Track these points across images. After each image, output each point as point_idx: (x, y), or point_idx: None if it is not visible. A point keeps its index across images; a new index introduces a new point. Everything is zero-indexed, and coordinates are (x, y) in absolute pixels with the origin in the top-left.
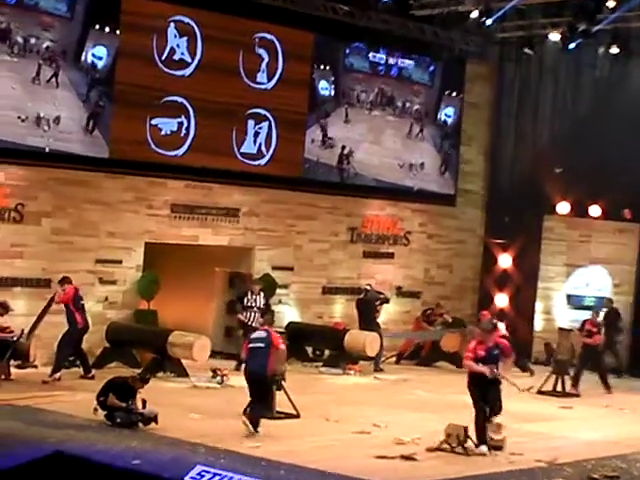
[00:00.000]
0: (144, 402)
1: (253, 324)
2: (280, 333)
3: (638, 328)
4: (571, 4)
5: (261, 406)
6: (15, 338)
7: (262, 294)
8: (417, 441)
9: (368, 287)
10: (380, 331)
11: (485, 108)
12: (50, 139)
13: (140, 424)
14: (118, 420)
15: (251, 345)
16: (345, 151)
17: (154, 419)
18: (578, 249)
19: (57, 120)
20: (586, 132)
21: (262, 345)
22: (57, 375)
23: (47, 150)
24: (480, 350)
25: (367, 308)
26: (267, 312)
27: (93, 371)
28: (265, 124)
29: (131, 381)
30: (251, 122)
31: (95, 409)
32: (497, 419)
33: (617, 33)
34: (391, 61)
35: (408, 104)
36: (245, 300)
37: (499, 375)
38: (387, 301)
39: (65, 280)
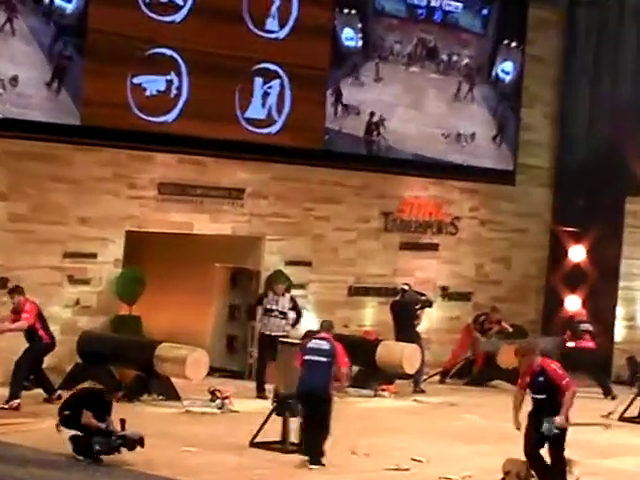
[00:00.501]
0: (123, 422)
1: (272, 333)
2: (295, 345)
3: None
4: None
5: (323, 432)
6: None
7: (288, 295)
8: (468, 479)
9: (406, 287)
10: (421, 342)
11: (552, 63)
12: (5, 104)
13: (122, 449)
14: (97, 447)
15: (307, 357)
16: (374, 118)
17: (139, 442)
18: None
19: (14, 80)
20: None
21: (324, 359)
22: (15, 403)
23: (0, 117)
24: (526, 376)
25: (405, 313)
26: (288, 316)
27: (59, 391)
28: (276, 82)
29: (107, 394)
30: (258, 80)
31: (57, 425)
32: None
33: None
34: (434, 3)
35: (455, 58)
36: (265, 302)
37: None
38: (430, 305)
39: (16, 290)
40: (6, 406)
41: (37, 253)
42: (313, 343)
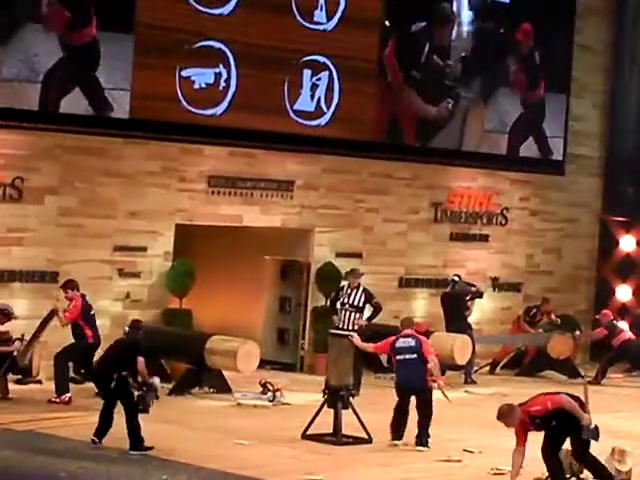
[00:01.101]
0: None
1: (345, 327)
2: (346, 337)
3: None
4: None
5: (428, 417)
6: (13, 348)
7: (361, 289)
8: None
9: (456, 278)
10: (472, 333)
11: (601, 52)
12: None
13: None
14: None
15: (399, 357)
16: None
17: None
18: None
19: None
20: None
21: (414, 356)
22: (66, 397)
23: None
24: (520, 435)
25: (455, 304)
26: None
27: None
28: (324, 74)
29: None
30: (307, 72)
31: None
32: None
33: None
34: None
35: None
36: (340, 295)
37: None
38: (480, 295)
39: (69, 284)
40: (57, 400)
41: (87, 247)
42: (401, 342)
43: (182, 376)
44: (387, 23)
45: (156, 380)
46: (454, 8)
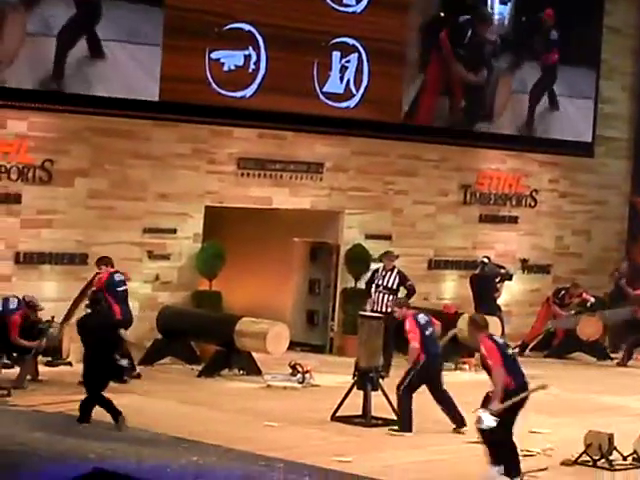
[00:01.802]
0: None
1: (379, 308)
2: (375, 318)
3: None
4: None
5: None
6: (44, 328)
7: (395, 271)
8: (549, 452)
9: (486, 260)
10: (501, 315)
11: (630, 34)
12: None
13: None
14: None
15: (427, 332)
16: None
17: None
18: None
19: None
20: None
21: (432, 329)
22: None
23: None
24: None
25: (485, 286)
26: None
27: (139, 368)
28: (354, 56)
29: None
30: (336, 54)
31: None
32: None
33: None
34: None
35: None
36: (375, 277)
37: None
38: (510, 277)
39: (102, 261)
40: None
41: (117, 229)
42: (421, 318)
43: (212, 358)
44: (442, 14)
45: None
46: (490, 7)
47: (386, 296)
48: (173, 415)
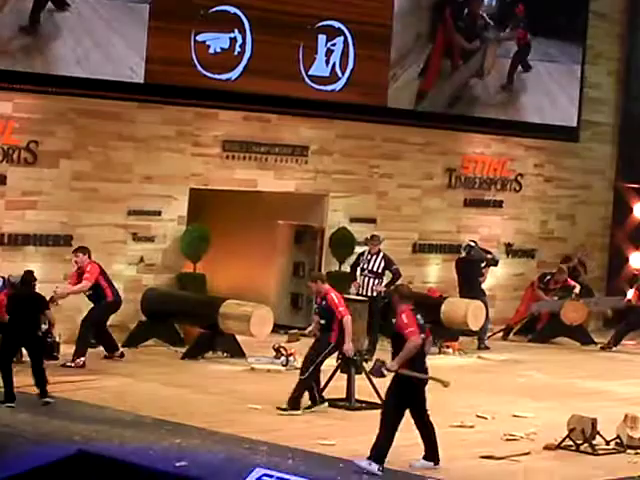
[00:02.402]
0: None
1: (364, 292)
2: (360, 302)
3: None
4: None
5: None
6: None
7: (381, 255)
8: (532, 437)
9: (472, 244)
10: (486, 299)
11: (616, 20)
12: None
13: None
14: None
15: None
16: None
17: None
18: None
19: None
20: None
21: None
22: (81, 360)
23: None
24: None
25: (470, 270)
26: (381, 276)
27: (123, 350)
28: (339, 40)
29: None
30: (322, 37)
31: None
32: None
33: None
34: None
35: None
36: (361, 261)
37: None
38: (495, 263)
39: (80, 250)
40: (72, 364)
41: (101, 211)
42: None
43: (196, 340)
44: None
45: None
46: None
47: (371, 280)
48: (157, 397)
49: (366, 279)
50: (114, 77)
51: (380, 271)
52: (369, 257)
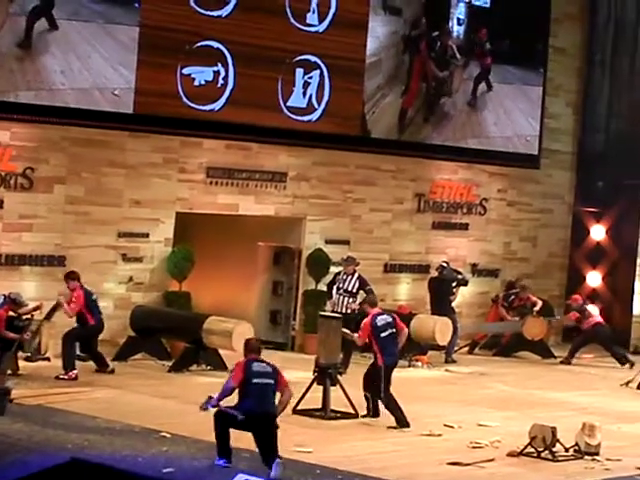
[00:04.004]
0: None
1: (339, 310)
2: (334, 318)
3: None
4: None
5: None
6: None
7: (356, 275)
8: (496, 444)
9: (445, 264)
10: (455, 317)
11: (574, 55)
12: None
13: None
14: None
15: (384, 334)
16: None
17: None
18: None
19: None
20: None
21: (393, 330)
22: (74, 373)
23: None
24: None
25: (441, 289)
26: (355, 296)
27: (113, 364)
28: (316, 73)
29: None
30: (300, 71)
31: None
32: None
33: None
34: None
35: None
36: (337, 281)
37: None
38: (465, 283)
39: (70, 276)
40: (65, 376)
41: (93, 233)
42: (380, 319)
43: (181, 354)
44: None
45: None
46: (450, 24)
47: (346, 299)
48: (145, 408)
49: (341, 298)
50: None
51: (355, 291)
52: (344, 277)
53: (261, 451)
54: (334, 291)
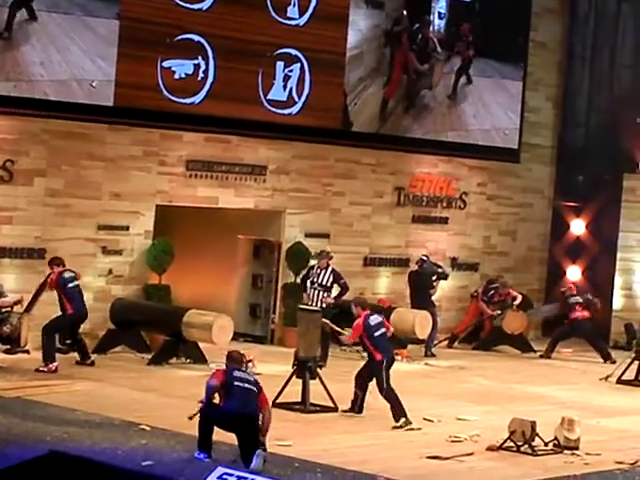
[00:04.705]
0: None
1: (314, 304)
2: (314, 312)
3: None
4: None
5: None
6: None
7: (330, 269)
8: (476, 438)
9: (425, 258)
10: (435, 311)
11: (554, 48)
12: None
13: None
14: None
15: (378, 333)
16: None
17: None
18: None
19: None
20: None
21: (384, 330)
22: (53, 365)
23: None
24: None
25: (421, 283)
26: (330, 290)
27: (93, 356)
28: (296, 66)
29: None
30: (280, 64)
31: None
32: (569, 414)
33: None
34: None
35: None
36: (311, 275)
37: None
38: (445, 277)
39: (54, 261)
40: (45, 369)
41: (73, 226)
42: (372, 319)
43: (161, 347)
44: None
45: None
46: (431, 17)
47: (320, 292)
48: (124, 401)
49: (315, 292)
50: (80, 98)
51: (329, 284)
52: (318, 271)
53: (242, 450)
54: (308, 285)
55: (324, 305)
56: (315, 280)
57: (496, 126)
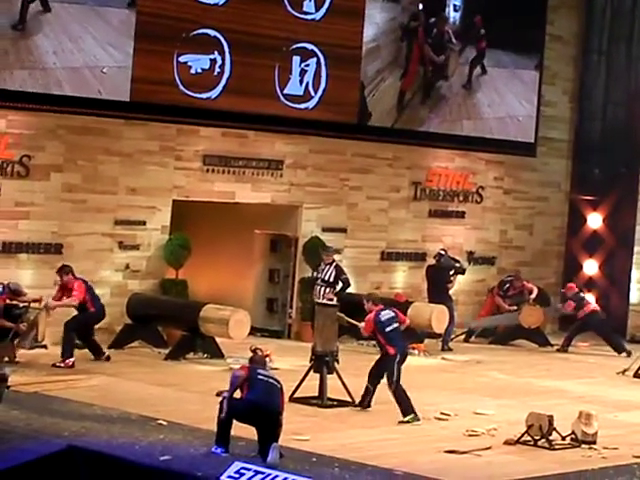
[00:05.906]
0: None
1: (318, 299)
2: (331, 306)
3: None
4: None
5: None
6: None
7: (334, 265)
8: (493, 432)
9: (442, 252)
10: (452, 305)
11: (571, 42)
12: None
13: None
14: None
15: (390, 328)
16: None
17: None
18: None
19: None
20: None
21: (397, 325)
22: (70, 361)
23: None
24: None
25: (439, 277)
26: (333, 285)
27: (108, 351)
28: (313, 61)
29: None
30: (296, 59)
31: None
32: (587, 408)
33: None
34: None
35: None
36: (318, 270)
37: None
38: (463, 271)
39: (64, 270)
40: (62, 364)
41: (90, 221)
42: (384, 314)
43: (178, 342)
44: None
45: (7, 370)
46: (447, 10)
47: (323, 288)
48: (142, 395)
49: (319, 287)
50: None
51: (332, 280)
52: (323, 267)
53: (261, 444)
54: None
55: (326, 300)
56: (319, 276)
57: (510, 114)
